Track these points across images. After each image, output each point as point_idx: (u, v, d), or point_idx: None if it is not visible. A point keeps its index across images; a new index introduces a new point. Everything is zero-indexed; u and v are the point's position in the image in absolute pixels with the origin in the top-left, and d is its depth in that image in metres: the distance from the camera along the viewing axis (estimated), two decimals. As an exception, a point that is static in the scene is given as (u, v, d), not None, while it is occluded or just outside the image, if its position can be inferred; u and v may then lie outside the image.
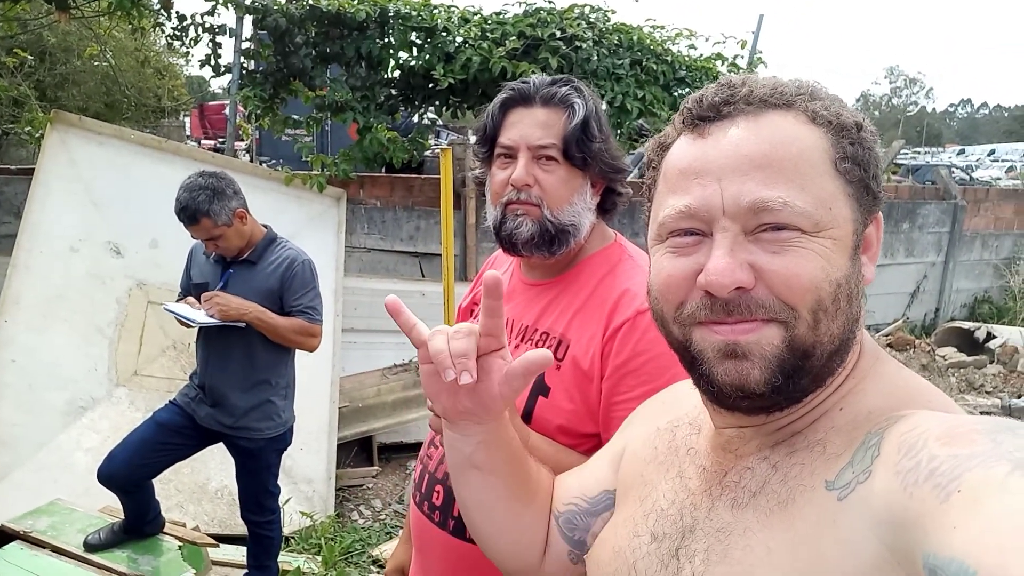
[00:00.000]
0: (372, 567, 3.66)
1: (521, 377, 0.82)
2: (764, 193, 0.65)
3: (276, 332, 2.79)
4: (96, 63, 8.36)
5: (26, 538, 3.00)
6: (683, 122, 0.74)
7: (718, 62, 6.21)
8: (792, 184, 0.65)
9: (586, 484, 0.96)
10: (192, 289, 2.92)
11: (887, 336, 7.38)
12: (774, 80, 0.71)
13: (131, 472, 2.81)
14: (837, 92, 0.73)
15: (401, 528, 3.99)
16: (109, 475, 2.79)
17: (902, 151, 14.94)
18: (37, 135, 4.94)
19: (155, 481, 2.97)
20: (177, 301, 2.95)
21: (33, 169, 4.36)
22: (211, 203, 2.64)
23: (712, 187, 0.67)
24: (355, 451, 4.79)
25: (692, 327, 0.70)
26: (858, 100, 59.61)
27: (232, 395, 2.83)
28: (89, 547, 2.93)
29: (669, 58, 5.76)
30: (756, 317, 0.66)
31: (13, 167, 5.07)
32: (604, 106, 1.38)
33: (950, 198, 8.47)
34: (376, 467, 4.75)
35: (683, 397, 0.87)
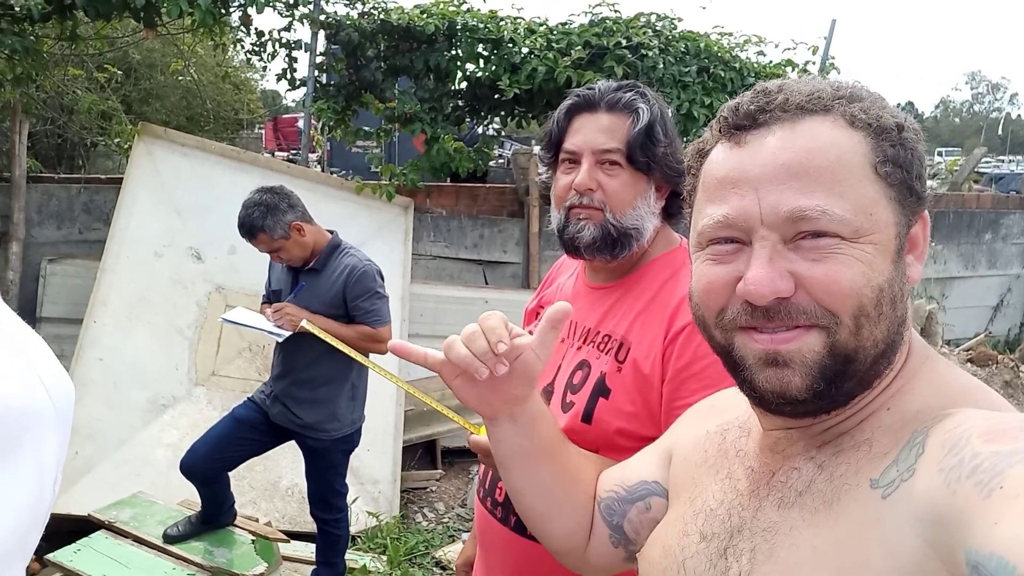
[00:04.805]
0: (435, 569, 3.71)
1: (551, 330, 0.89)
2: (802, 202, 0.65)
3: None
4: (179, 78, 8.73)
5: (110, 528, 3.16)
6: (720, 130, 0.74)
7: (788, 68, 6.11)
8: (830, 191, 0.65)
9: (627, 475, 1.00)
10: (271, 296, 3.08)
11: (967, 351, 7.04)
12: (812, 84, 0.71)
13: (211, 465, 2.97)
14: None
15: (464, 531, 4.04)
16: (191, 467, 2.96)
17: (984, 159, 14.33)
18: (125, 146, 5.21)
19: (230, 477, 3.11)
20: (263, 303, 3.11)
21: (121, 178, 4.61)
22: (265, 219, 2.76)
23: (750, 197, 0.68)
24: (419, 454, 4.86)
25: (734, 332, 0.71)
26: (937, 107, 57.47)
27: (299, 396, 2.95)
28: (168, 539, 3.09)
29: (737, 65, 5.70)
30: (798, 323, 0.66)
31: (103, 176, 5.34)
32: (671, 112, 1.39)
33: (1036, 207, 8.09)
34: (440, 470, 4.82)
35: (734, 401, 0.88)
